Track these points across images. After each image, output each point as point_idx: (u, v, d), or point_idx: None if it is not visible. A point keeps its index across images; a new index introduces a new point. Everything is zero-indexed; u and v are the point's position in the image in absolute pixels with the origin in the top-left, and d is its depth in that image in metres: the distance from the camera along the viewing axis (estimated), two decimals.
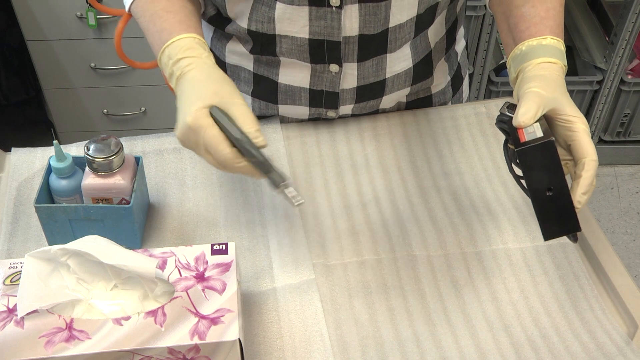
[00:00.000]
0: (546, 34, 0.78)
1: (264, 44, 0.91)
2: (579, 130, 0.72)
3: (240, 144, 0.72)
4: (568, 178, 0.74)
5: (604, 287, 0.86)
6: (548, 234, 0.73)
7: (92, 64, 2.05)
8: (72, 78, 2.09)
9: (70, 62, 2.05)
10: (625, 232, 2.20)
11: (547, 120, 0.74)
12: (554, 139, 0.70)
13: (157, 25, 0.82)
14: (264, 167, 0.73)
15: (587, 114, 2.29)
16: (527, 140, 0.71)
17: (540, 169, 0.71)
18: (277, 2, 0.85)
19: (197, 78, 0.76)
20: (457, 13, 0.99)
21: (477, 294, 0.83)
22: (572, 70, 2.25)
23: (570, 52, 2.26)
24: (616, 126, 2.32)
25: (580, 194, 0.71)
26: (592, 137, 2.33)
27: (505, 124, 0.76)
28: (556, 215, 0.72)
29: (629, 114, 2.29)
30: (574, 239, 0.74)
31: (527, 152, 0.71)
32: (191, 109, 0.73)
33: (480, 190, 0.94)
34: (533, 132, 0.71)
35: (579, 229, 0.72)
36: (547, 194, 0.71)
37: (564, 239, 0.88)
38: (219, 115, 0.73)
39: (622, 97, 2.23)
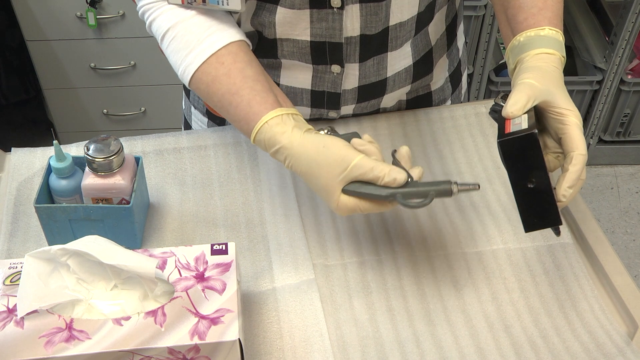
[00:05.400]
0: (544, 24, 0.78)
1: (265, 48, 0.91)
2: (570, 123, 0.72)
3: (393, 199, 0.71)
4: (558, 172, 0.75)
5: (604, 287, 0.86)
6: (529, 226, 0.73)
7: (92, 64, 2.05)
8: (72, 78, 2.09)
9: (70, 62, 2.05)
10: (625, 232, 2.20)
11: (540, 113, 0.74)
12: (536, 131, 0.70)
13: (233, 106, 0.80)
14: (424, 192, 0.71)
15: (587, 114, 2.30)
16: (511, 131, 0.71)
17: (522, 161, 0.71)
18: (279, 7, 0.85)
19: (303, 169, 0.75)
20: (456, 9, 0.99)
21: (478, 294, 0.83)
22: (572, 70, 2.25)
23: (570, 52, 2.26)
24: (616, 126, 2.33)
25: (565, 188, 0.71)
26: (592, 137, 2.35)
27: (497, 113, 0.76)
28: (537, 208, 0.72)
29: (628, 114, 2.29)
30: (557, 232, 0.75)
31: (508, 144, 0.71)
32: (331, 205, 0.74)
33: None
34: (519, 124, 0.71)
35: (559, 222, 0.72)
36: (529, 186, 0.71)
37: (565, 238, 0.88)
38: (354, 190, 0.72)
39: (622, 97, 2.23)
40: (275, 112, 0.76)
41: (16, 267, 0.72)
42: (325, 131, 0.78)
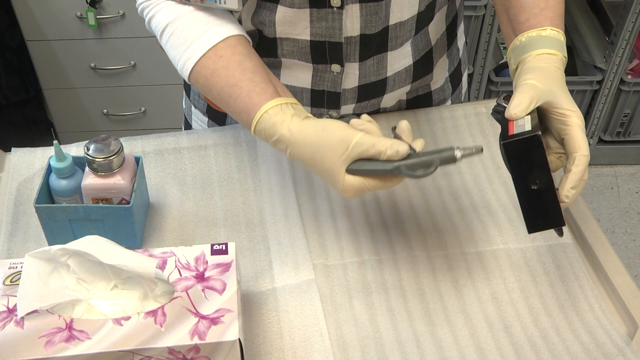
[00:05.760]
0: (546, 25, 0.78)
1: (265, 47, 0.91)
2: (572, 124, 0.72)
3: (398, 172, 0.71)
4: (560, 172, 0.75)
5: (604, 287, 0.86)
6: (532, 227, 0.73)
7: (92, 64, 2.05)
8: (72, 78, 2.09)
9: (70, 62, 2.05)
10: (625, 232, 2.20)
11: (542, 113, 0.74)
12: (540, 133, 0.70)
13: (232, 99, 0.79)
14: (428, 161, 0.70)
15: (587, 114, 2.30)
16: (515, 133, 0.71)
17: (525, 163, 0.71)
18: (279, 6, 0.85)
19: (305, 155, 0.74)
20: (456, 9, 0.99)
21: (478, 294, 0.83)
22: (572, 70, 2.25)
23: (570, 52, 2.26)
24: (616, 126, 2.33)
25: (568, 189, 0.71)
26: (592, 137, 2.35)
27: (499, 114, 0.76)
28: (540, 209, 0.72)
29: (628, 114, 2.29)
30: (560, 233, 0.75)
31: (511, 146, 0.71)
32: (337, 186, 0.73)
33: (481, 190, 0.94)
34: (522, 125, 0.71)
35: (562, 223, 0.72)
36: (532, 187, 0.71)
37: (565, 239, 0.88)
38: (358, 168, 0.72)
39: (622, 97, 2.23)
40: (275, 102, 0.76)
41: (16, 267, 0.72)
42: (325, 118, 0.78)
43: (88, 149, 0.80)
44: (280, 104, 0.76)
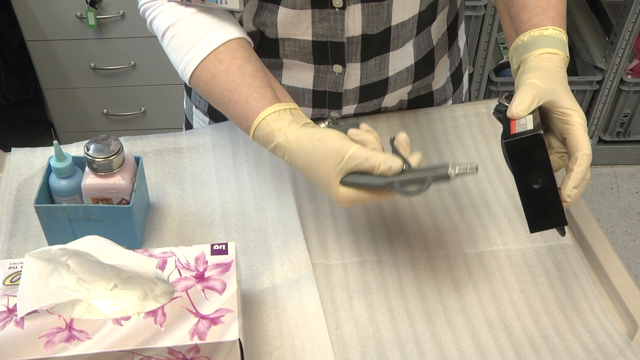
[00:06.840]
0: (548, 24, 0.78)
1: (267, 47, 0.91)
2: (574, 123, 0.72)
3: (390, 187, 0.71)
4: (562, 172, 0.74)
5: (604, 287, 0.86)
6: (534, 227, 0.73)
7: (92, 64, 2.05)
8: (72, 78, 2.09)
9: (70, 62, 2.05)
10: (625, 232, 2.20)
11: (544, 113, 0.74)
12: (542, 132, 0.70)
13: (232, 104, 0.79)
14: (421, 179, 0.70)
15: (587, 114, 2.30)
16: (517, 132, 0.71)
17: (527, 162, 0.71)
18: (280, 7, 0.85)
19: (301, 164, 0.74)
20: (457, 9, 0.99)
21: (478, 295, 0.83)
22: (572, 70, 2.25)
23: (570, 52, 2.25)
24: (616, 126, 2.33)
25: (570, 188, 0.71)
26: (592, 137, 2.35)
27: (501, 113, 0.76)
28: (543, 209, 0.72)
29: (628, 114, 2.29)
30: (562, 233, 0.75)
31: (513, 145, 0.71)
32: (332, 197, 0.73)
33: (481, 190, 0.94)
34: (524, 124, 0.71)
35: (565, 222, 0.72)
36: (534, 186, 0.71)
37: (565, 240, 0.88)
38: (352, 181, 0.72)
39: (622, 97, 2.23)
40: (273, 108, 0.76)
41: (16, 267, 0.72)
42: (326, 123, 0.78)
43: (88, 149, 0.80)
44: (278, 111, 0.76)
